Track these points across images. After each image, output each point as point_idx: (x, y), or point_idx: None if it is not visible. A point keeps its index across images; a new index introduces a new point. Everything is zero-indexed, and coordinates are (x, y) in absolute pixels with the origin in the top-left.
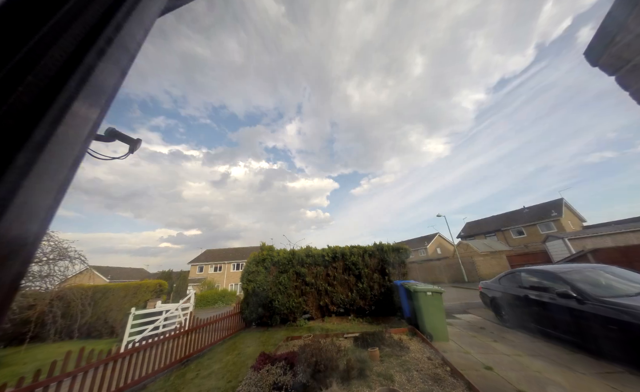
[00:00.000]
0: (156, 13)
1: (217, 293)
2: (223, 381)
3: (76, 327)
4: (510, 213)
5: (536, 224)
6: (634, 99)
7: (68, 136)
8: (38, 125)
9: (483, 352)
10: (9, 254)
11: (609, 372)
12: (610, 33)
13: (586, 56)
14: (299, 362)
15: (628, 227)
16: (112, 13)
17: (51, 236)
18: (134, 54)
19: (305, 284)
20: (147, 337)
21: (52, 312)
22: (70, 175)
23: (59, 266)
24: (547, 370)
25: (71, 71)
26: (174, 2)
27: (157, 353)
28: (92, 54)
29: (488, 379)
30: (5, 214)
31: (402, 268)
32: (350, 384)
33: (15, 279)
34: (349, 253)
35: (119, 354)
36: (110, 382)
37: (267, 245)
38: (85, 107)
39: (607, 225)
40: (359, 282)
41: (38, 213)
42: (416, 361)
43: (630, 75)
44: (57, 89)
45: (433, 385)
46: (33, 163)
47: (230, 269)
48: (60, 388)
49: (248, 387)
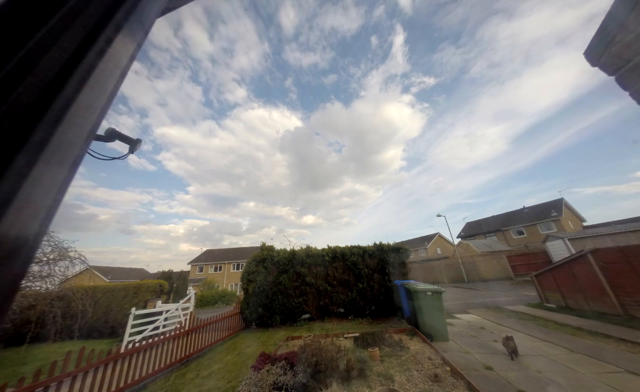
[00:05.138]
0: (156, 13)
1: (217, 293)
2: (223, 381)
3: (76, 328)
4: (510, 213)
5: (536, 224)
6: (634, 99)
7: (68, 136)
8: (38, 125)
9: (483, 352)
10: (9, 254)
11: (609, 372)
12: (610, 33)
13: (586, 56)
14: (299, 362)
15: (628, 227)
16: (112, 13)
17: (51, 236)
18: (134, 54)
19: (305, 284)
20: (147, 337)
21: (53, 313)
22: (70, 176)
23: (59, 266)
24: (547, 370)
25: (71, 71)
26: (174, 2)
27: (158, 353)
28: (92, 54)
29: (488, 379)
30: (6, 214)
31: (402, 268)
32: (350, 384)
33: (16, 279)
34: (349, 253)
35: (119, 354)
36: (111, 383)
37: (267, 245)
38: (85, 107)
39: (607, 225)
40: (359, 282)
41: (38, 213)
42: (416, 360)
43: (631, 75)
44: (57, 89)
45: (433, 385)
46: (33, 163)
47: (230, 269)
48: (61, 388)
49: (248, 387)
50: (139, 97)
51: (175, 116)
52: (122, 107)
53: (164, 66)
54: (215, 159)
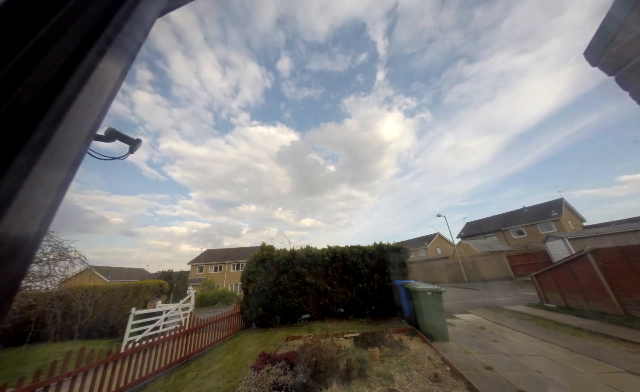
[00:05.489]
0: (156, 13)
1: (217, 293)
2: (223, 381)
3: (76, 328)
4: (510, 213)
5: (536, 224)
6: (634, 99)
7: (68, 136)
8: (38, 125)
9: (483, 352)
10: (9, 254)
11: (609, 372)
12: (610, 33)
13: (586, 56)
14: (299, 362)
15: (628, 227)
16: (112, 13)
17: (51, 236)
18: (134, 54)
19: (305, 284)
20: (147, 337)
21: (53, 313)
22: (70, 176)
23: (59, 266)
24: (547, 370)
25: (71, 71)
26: (174, 2)
27: (158, 353)
28: (92, 54)
29: (488, 379)
30: (6, 214)
31: (402, 268)
32: (350, 384)
33: (16, 279)
34: (349, 253)
35: (119, 354)
36: (111, 382)
37: (267, 245)
38: (85, 107)
39: (607, 225)
40: (359, 282)
41: (38, 213)
42: (416, 360)
43: (631, 75)
44: (57, 89)
45: (433, 385)
46: (33, 163)
47: (230, 269)
48: (61, 388)
49: (248, 387)
50: (156, 122)
51: (186, 136)
52: (141, 128)
53: (182, 98)
54: (218, 169)
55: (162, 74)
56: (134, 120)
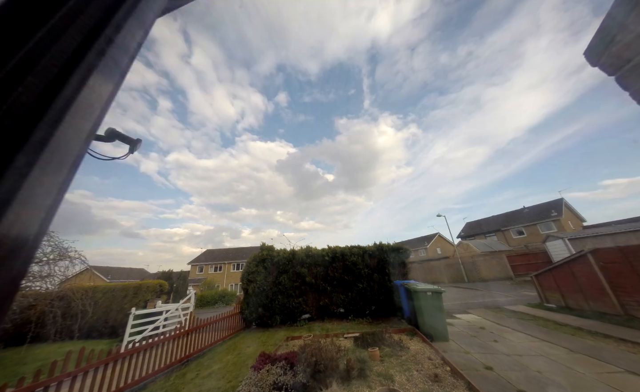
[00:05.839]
0: (156, 13)
1: (217, 293)
2: (223, 381)
3: (76, 328)
4: (510, 213)
5: (536, 224)
6: (634, 99)
7: (68, 136)
8: (38, 125)
9: (483, 352)
10: (9, 254)
11: (609, 372)
12: (610, 33)
13: (586, 56)
14: (299, 362)
15: (628, 227)
16: (112, 13)
17: (51, 236)
18: (134, 54)
19: (305, 284)
20: (147, 337)
21: (53, 313)
22: (70, 176)
23: (59, 266)
24: (547, 370)
25: (71, 71)
26: (174, 2)
27: (158, 353)
28: (92, 54)
29: (488, 379)
30: (6, 215)
31: (402, 268)
32: (350, 384)
33: (16, 279)
34: (349, 253)
35: (119, 354)
36: (111, 382)
37: (267, 245)
38: (85, 107)
39: (607, 225)
40: (358, 282)
41: (38, 213)
42: (416, 360)
43: (631, 75)
44: (57, 89)
45: (433, 385)
46: (33, 163)
47: (230, 269)
48: (61, 388)
49: (248, 387)
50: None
51: (194, 151)
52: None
53: (195, 122)
54: (221, 178)
55: (181, 104)
56: (150, 139)
